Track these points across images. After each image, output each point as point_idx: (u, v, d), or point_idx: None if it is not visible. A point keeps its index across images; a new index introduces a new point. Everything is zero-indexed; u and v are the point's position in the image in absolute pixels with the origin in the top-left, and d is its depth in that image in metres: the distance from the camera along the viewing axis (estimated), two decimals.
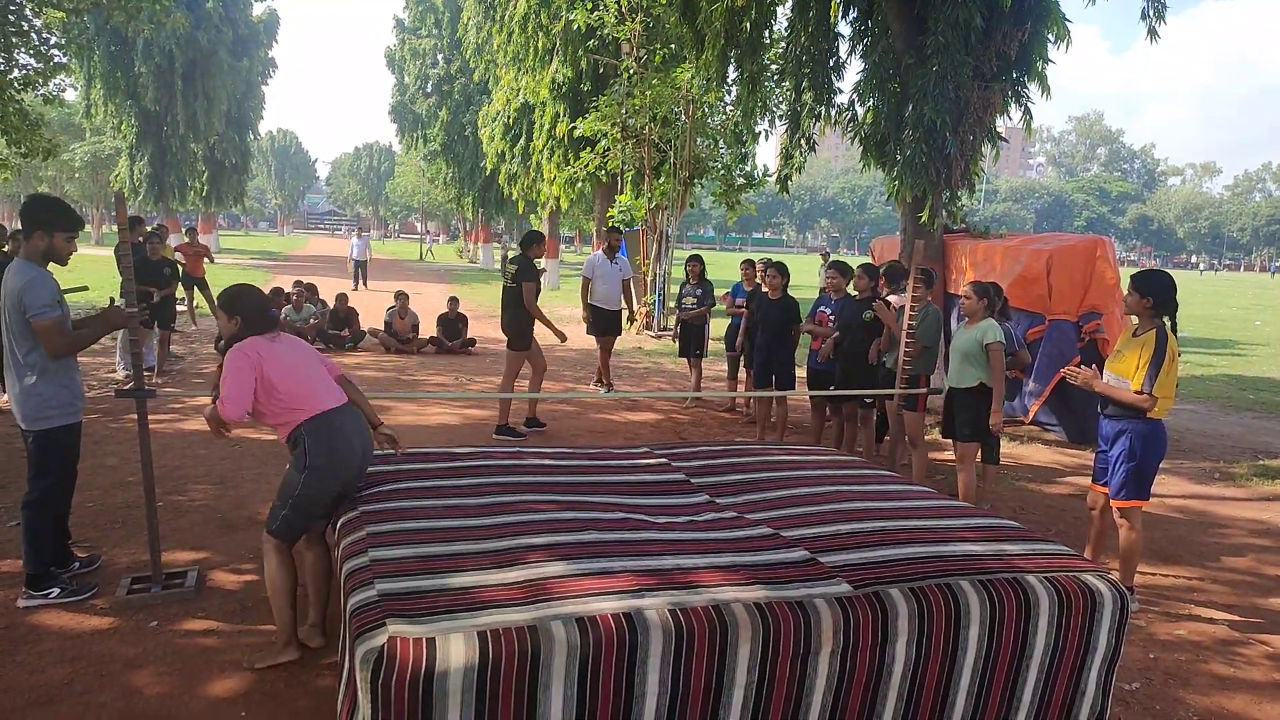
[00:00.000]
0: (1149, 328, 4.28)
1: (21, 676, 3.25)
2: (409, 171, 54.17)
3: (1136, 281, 4.32)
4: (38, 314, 3.64)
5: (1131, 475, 4.28)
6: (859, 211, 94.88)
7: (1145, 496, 4.35)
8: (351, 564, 2.84)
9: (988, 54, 8.21)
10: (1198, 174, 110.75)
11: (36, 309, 3.64)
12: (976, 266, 8.93)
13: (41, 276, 3.73)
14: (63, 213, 3.90)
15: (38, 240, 3.77)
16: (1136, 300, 4.29)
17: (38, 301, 3.65)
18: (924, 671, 2.80)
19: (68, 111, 33.29)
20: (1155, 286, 4.27)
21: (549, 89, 16.90)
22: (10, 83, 11.32)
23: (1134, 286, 4.31)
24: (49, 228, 3.79)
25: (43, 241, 3.78)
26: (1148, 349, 4.18)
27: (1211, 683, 3.69)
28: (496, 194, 28.95)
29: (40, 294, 3.66)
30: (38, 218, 3.79)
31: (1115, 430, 4.35)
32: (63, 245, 3.84)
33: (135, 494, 5.21)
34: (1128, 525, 4.34)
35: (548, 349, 13.21)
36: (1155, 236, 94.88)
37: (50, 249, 3.81)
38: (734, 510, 3.54)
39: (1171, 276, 4.38)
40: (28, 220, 3.78)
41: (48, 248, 3.80)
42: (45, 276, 3.75)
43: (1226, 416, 10.11)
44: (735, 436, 7.88)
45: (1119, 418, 4.33)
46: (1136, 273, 4.38)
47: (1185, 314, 26.79)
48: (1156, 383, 4.14)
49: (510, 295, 7.44)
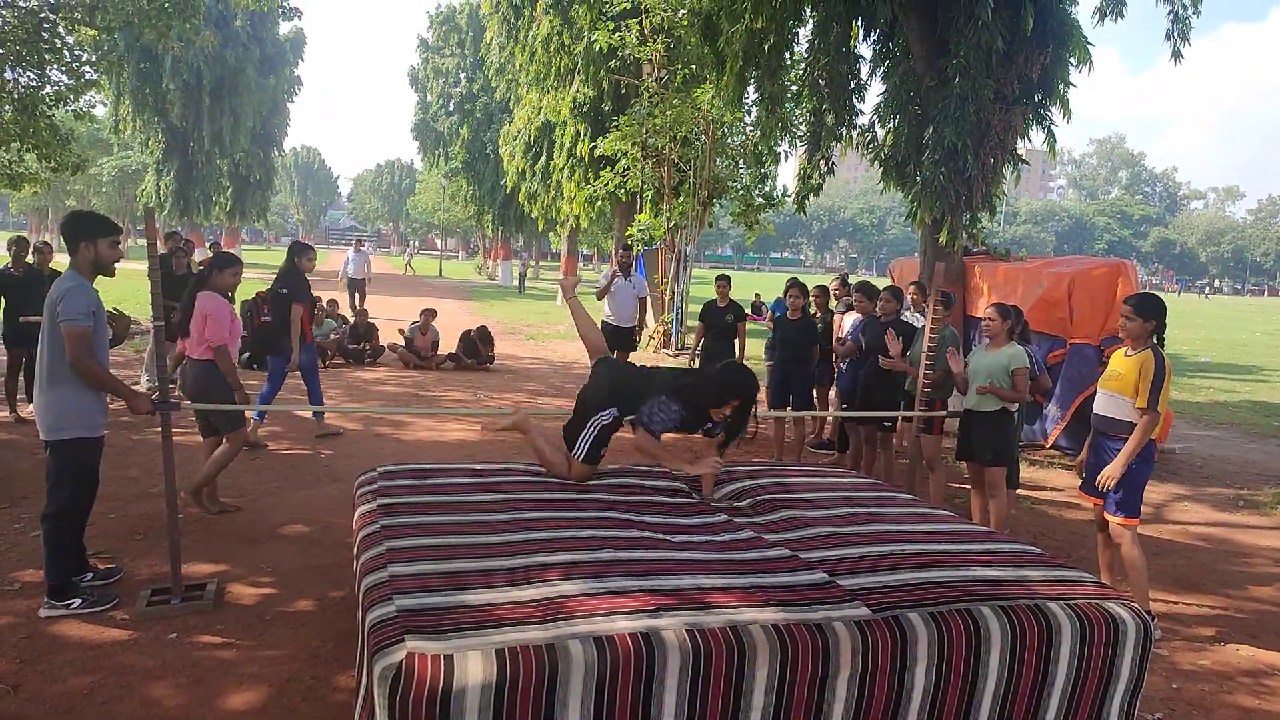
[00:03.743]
0: (1144, 347, 4.35)
1: (43, 685, 3.28)
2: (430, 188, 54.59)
3: (1138, 307, 4.39)
4: (69, 320, 3.71)
5: (1129, 494, 4.39)
6: (878, 232, 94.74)
7: (1138, 514, 4.47)
8: (371, 579, 2.85)
9: (1009, 76, 8.23)
10: (1220, 198, 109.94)
11: (69, 315, 3.71)
12: (997, 289, 8.90)
13: (81, 286, 3.81)
14: (100, 220, 3.99)
15: (85, 252, 3.86)
16: (1140, 325, 4.37)
17: (72, 308, 3.72)
18: (944, 697, 2.77)
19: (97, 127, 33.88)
20: (1157, 310, 4.38)
21: (570, 108, 17.04)
22: (42, 98, 11.53)
23: (1136, 311, 4.38)
24: (91, 236, 3.87)
25: (89, 252, 3.87)
26: (1148, 369, 4.25)
27: (1236, 714, 3.63)
28: (516, 211, 29.17)
29: (76, 302, 3.74)
30: (78, 230, 3.87)
31: (1114, 447, 4.42)
32: (107, 252, 3.91)
33: (157, 505, 5.26)
34: (1127, 541, 4.40)
35: (563, 365, 13.31)
36: (1177, 260, 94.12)
37: (97, 258, 3.89)
38: (752, 530, 3.53)
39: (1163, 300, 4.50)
40: (70, 235, 3.86)
41: (95, 257, 3.88)
42: (85, 287, 3.82)
43: (1250, 443, 9.98)
44: (753, 458, 7.86)
45: (1119, 436, 4.40)
46: (1135, 298, 4.47)
47: (1207, 339, 26.59)
48: (1160, 400, 4.25)
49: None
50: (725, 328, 8.47)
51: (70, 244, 3.86)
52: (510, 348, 15.33)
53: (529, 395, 10.55)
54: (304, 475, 6.36)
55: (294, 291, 7.21)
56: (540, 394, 10.71)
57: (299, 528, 5.22)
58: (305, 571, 4.53)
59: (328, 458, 6.91)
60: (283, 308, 7.20)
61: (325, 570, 4.54)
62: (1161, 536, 6.17)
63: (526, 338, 17.48)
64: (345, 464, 6.64)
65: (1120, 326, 4.46)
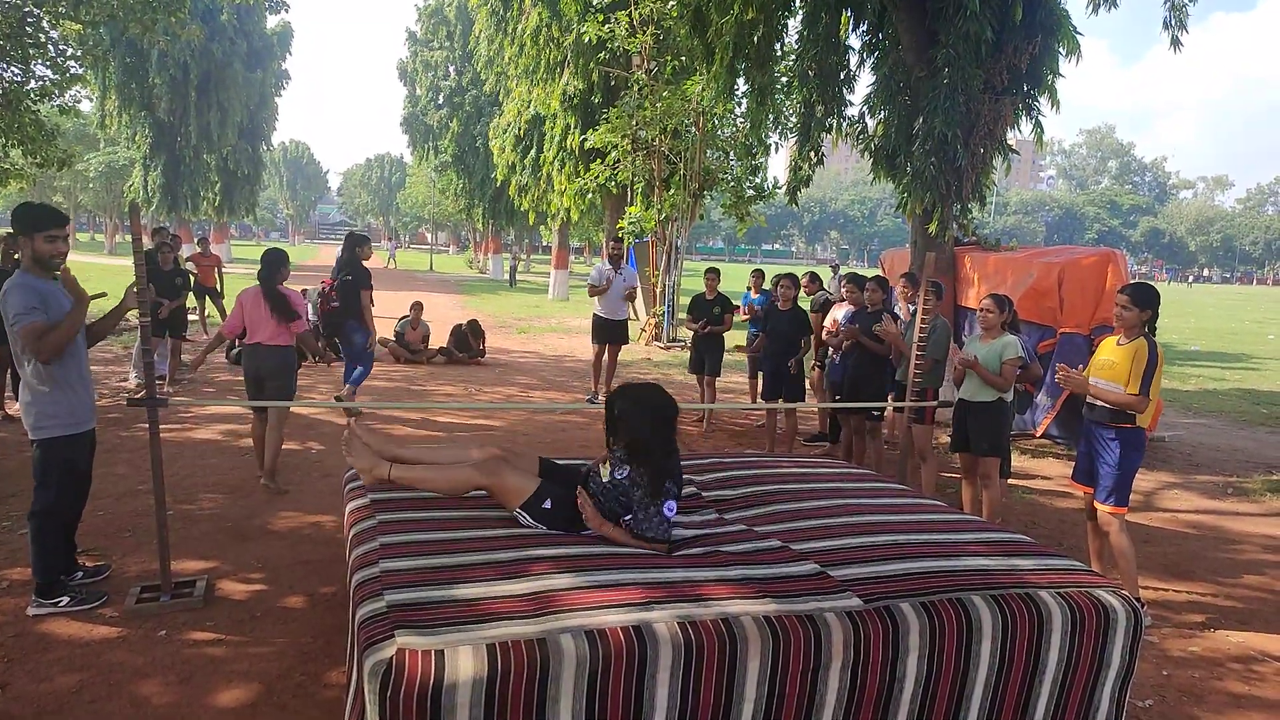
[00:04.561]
0: (1136, 336, 4.36)
1: (31, 685, 3.25)
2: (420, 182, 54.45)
3: (1134, 296, 4.38)
4: (14, 322, 3.62)
5: (1119, 482, 4.40)
6: (869, 224, 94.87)
7: (1127, 503, 4.48)
8: (362, 575, 2.83)
9: (998, 67, 8.22)
10: (1209, 187, 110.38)
11: (12, 317, 3.62)
12: (987, 279, 8.91)
13: (22, 283, 3.66)
14: (39, 214, 3.75)
15: (24, 246, 3.73)
16: (1136, 315, 4.37)
17: (12, 310, 3.62)
18: (936, 687, 2.77)
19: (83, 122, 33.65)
20: (1153, 300, 4.40)
21: (560, 101, 16.99)
22: (27, 94, 11.44)
23: (1133, 301, 4.37)
24: (28, 232, 3.70)
25: (27, 247, 3.72)
26: (1141, 356, 4.27)
27: (1226, 700, 3.65)
28: (507, 205, 29.04)
29: (14, 302, 3.62)
30: (16, 225, 3.74)
31: (1108, 435, 4.43)
32: (43, 246, 3.70)
33: (145, 502, 5.23)
34: (1115, 529, 4.42)
35: (555, 359, 13.29)
36: (1167, 250, 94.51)
37: (34, 253, 3.71)
38: (743, 523, 3.53)
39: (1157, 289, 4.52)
40: (19, 230, 3.73)
41: (32, 252, 3.71)
42: (27, 283, 3.67)
43: (1239, 431, 10.03)
44: (745, 448, 7.86)
45: (1110, 425, 4.41)
46: (1131, 288, 4.46)
47: (1197, 327, 26.71)
48: (1151, 387, 4.26)
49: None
50: (713, 320, 8.51)
51: (18, 239, 3.74)
52: (501, 341, 15.30)
53: (520, 389, 10.53)
54: (293, 470, 6.32)
55: (358, 279, 7.93)
56: (532, 387, 10.69)
57: (288, 523, 5.20)
58: (295, 567, 4.51)
59: (317, 453, 6.88)
60: (350, 294, 7.93)
61: (315, 566, 4.52)
62: (1151, 524, 6.19)
63: (518, 331, 17.44)
64: (335, 459, 6.61)
65: (1116, 316, 4.43)
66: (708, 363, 8.59)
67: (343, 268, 8.06)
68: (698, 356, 8.76)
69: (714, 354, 8.62)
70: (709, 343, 8.59)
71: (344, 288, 7.97)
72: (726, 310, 8.66)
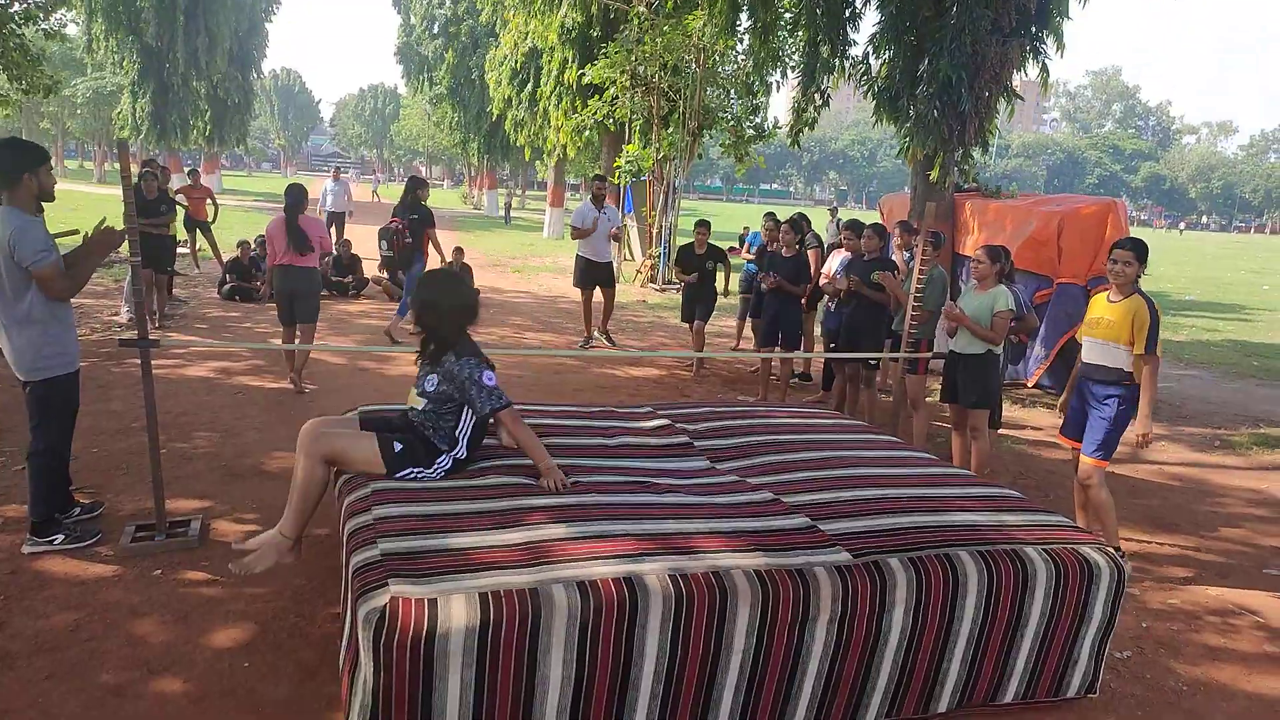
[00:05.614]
0: (1131, 292, 4.32)
1: (28, 622, 3.29)
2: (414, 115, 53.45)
3: (1136, 250, 4.32)
4: (35, 261, 3.59)
5: (1110, 436, 4.40)
6: (868, 165, 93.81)
7: (1110, 457, 4.49)
8: (355, 521, 2.86)
9: (1007, 7, 8.03)
10: (1213, 133, 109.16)
11: (32, 256, 3.58)
12: (986, 227, 8.85)
13: (31, 222, 3.65)
14: (35, 148, 3.82)
15: (28, 183, 3.68)
16: (1135, 270, 4.31)
17: (32, 248, 3.58)
18: (920, 639, 2.83)
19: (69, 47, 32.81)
20: (1147, 254, 4.36)
21: (558, 34, 16.59)
22: (11, 16, 11.11)
23: (1135, 256, 4.30)
24: (33, 167, 3.69)
25: (33, 182, 3.69)
26: (1141, 314, 4.23)
27: (1202, 653, 3.73)
28: (502, 140, 28.58)
29: (33, 240, 3.59)
30: (21, 162, 3.68)
31: (1105, 393, 4.41)
32: (47, 178, 3.77)
33: (139, 440, 5.23)
34: (1096, 481, 4.44)
35: (549, 300, 13.21)
36: (1167, 196, 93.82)
37: (41, 188, 3.73)
38: (735, 474, 3.55)
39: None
40: (14, 167, 3.66)
41: (39, 187, 3.71)
42: (35, 222, 3.67)
43: (1229, 383, 10.09)
44: (738, 395, 7.88)
45: (1110, 383, 4.38)
46: (1131, 241, 4.37)
47: (1191, 277, 26.67)
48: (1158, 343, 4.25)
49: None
50: (706, 274, 8.42)
51: (10, 176, 3.65)
52: (495, 279, 15.21)
53: (514, 330, 10.51)
54: (286, 411, 6.33)
55: (422, 217, 9.09)
56: (525, 328, 10.67)
57: (281, 463, 5.20)
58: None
59: (311, 393, 6.88)
60: (418, 231, 9.07)
61: None
62: (1137, 476, 6.26)
63: (512, 270, 17.33)
64: (328, 399, 6.62)
65: (1115, 273, 4.33)
66: (698, 310, 8.47)
67: (409, 208, 9.12)
68: (689, 306, 8.64)
69: (706, 303, 8.50)
70: (700, 291, 8.48)
71: (414, 226, 9.06)
72: (720, 262, 8.57)
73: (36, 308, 3.69)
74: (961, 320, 5.20)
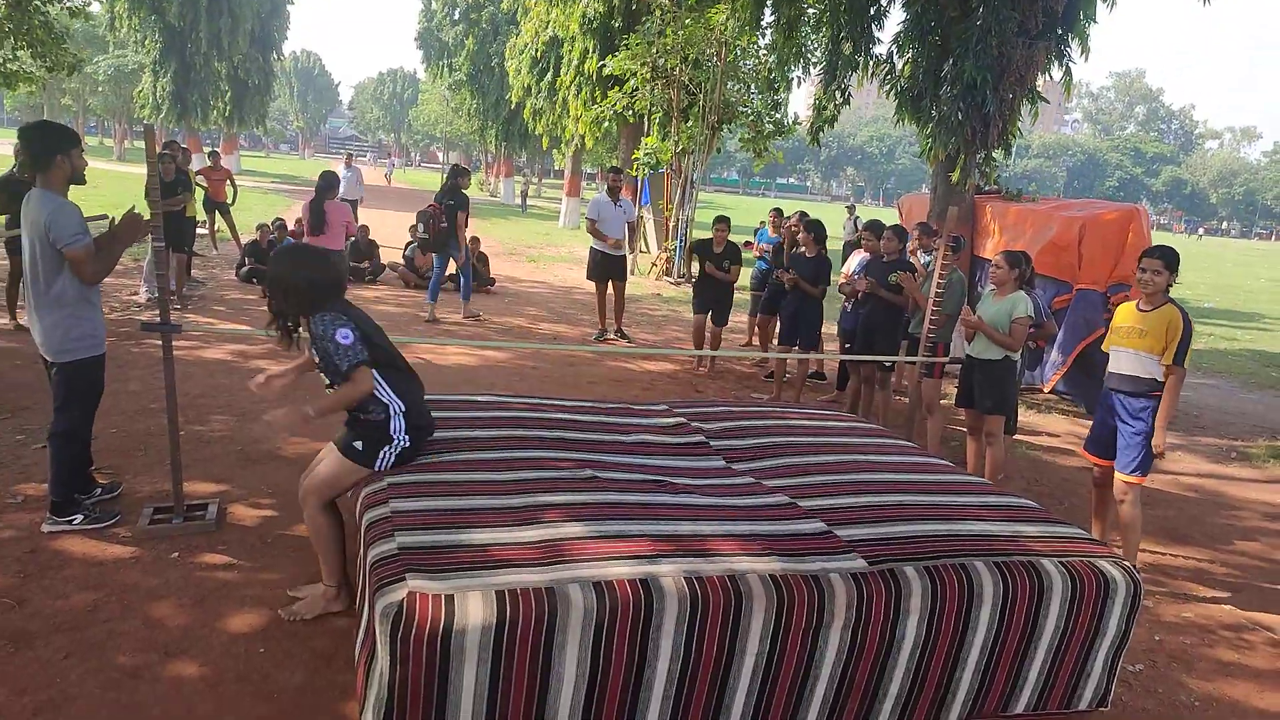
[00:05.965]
0: (1163, 302, 4.25)
1: (47, 601, 3.33)
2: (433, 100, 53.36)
3: (1167, 260, 4.23)
4: (70, 243, 3.62)
5: (1148, 453, 4.31)
6: (886, 161, 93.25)
7: (1148, 472, 4.42)
8: (372, 514, 2.87)
9: (1034, 9, 7.96)
10: (1236, 138, 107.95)
11: (68, 238, 3.61)
12: (1007, 230, 8.79)
13: (67, 205, 3.69)
14: (66, 130, 3.90)
15: (61, 165, 3.72)
16: (1166, 279, 4.23)
17: (68, 230, 3.61)
18: (933, 648, 2.83)
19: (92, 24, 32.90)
20: (1178, 262, 4.28)
21: (579, 23, 16.55)
22: None
23: (1165, 265, 4.22)
24: (66, 149, 3.74)
25: (66, 164, 3.73)
26: (1175, 325, 4.16)
27: (1214, 668, 3.72)
28: (521, 128, 28.53)
29: (69, 223, 3.63)
30: (52, 144, 3.72)
31: (1138, 406, 4.32)
32: (80, 161, 3.84)
33: (158, 421, 5.28)
34: (1132, 499, 4.37)
35: (563, 290, 13.21)
36: (1188, 201, 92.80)
37: (73, 169, 3.78)
38: (752, 476, 3.55)
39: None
40: (42, 149, 3.70)
41: (71, 169, 3.77)
42: (70, 204, 3.72)
43: (1247, 393, 10.01)
44: (751, 393, 7.87)
45: (1143, 395, 4.30)
46: (1161, 250, 4.29)
47: (1211, 284, 26.42)
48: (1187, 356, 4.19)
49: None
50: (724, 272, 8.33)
51: (43, 158, 3.69)
52: (511, 269, 15.22)
53: (529, 320, 10.52)
54: (301, 395, 6.34)
55: (458, 204, 9.62)
56: (540, 319, 10.68)
57: (298, 449, 5.25)
58: None
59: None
60: (454, 217, 9.56)
61: None
62: (1152, 486, 6.21)
63: (528, 259, 17.35)
64: None
65: (1144, 282, 4.26)
66: (715, 312, 8.34)
67: (448, 194, 9.67)
68: (702, 302, 8.43)
69: (722, 304, 8.37)
70: (717, 292, 8.33)
71: (449, 211, 9.58)
72: (735, 263, 8.47)
73: (69, 290, 3.72)
74: (980, 326, 5.17)
